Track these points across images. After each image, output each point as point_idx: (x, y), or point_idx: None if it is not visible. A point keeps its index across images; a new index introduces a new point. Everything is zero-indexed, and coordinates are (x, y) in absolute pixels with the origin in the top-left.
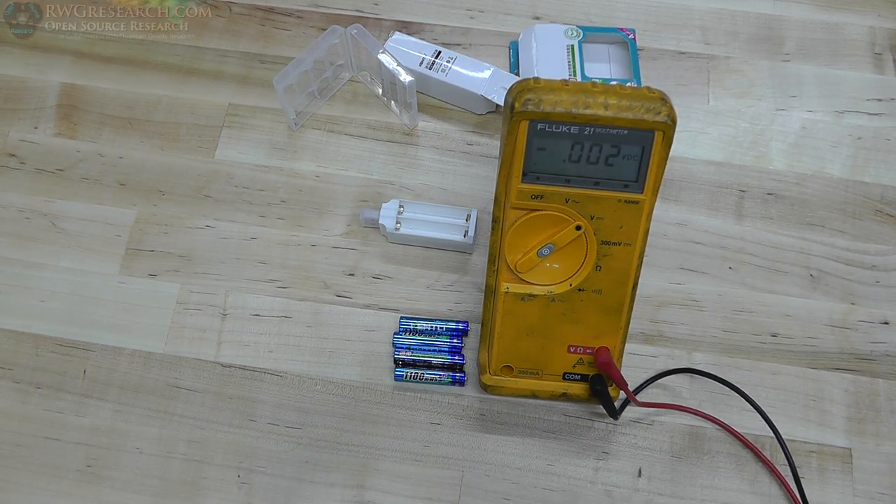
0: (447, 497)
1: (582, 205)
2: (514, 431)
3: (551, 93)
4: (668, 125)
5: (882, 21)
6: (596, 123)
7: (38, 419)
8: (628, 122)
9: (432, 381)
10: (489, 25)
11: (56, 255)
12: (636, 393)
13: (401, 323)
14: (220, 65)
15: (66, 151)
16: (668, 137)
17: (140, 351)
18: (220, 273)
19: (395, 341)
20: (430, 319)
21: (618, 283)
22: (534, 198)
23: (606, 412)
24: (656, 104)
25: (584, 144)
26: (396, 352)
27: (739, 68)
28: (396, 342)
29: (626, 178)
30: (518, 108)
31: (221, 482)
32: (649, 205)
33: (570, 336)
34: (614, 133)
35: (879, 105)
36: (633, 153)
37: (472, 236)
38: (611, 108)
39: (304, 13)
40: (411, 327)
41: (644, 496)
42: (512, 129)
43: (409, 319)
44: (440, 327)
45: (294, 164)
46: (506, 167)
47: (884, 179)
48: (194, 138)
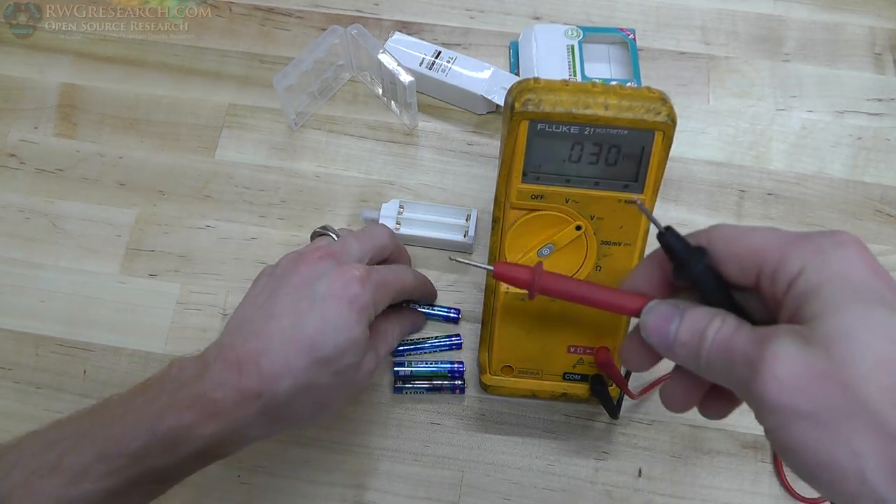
0: (447, 497)
1: (582, 205)
2: (514, 431)
3: (551, 93)
4: (668, 125)
5: (882, 21)
6: (596, 123)
7: (38, 419)
8: (628, 122)
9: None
10: (489, 25)
11: (56, 255)
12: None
13: (395, 372)
14: (220, 65)
15: (66, 151)
16: (668, 137)
17: (140, 351)
18: (220, 273)
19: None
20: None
21: (618, 284)
22: (534, 198)
23: (606, 412)
24: (656, 104)
25: (584, 144)
26: (396, 370)
27: (739, 68)
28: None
29: (626, 178)
30: (518, 108)
31: (221, 482)
32: (649, 205)
33: (571, 336)
34: (614, 133)
35: (879, 105)
36: (633, 153)
37: (472, 236)
38: (611, 109)
39: (304, 13)
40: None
41: (644, 496)
42: (512, 129)
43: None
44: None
45: (294, 164)
46: (506, 167)
47: (884, 179)
48: (194, 138)
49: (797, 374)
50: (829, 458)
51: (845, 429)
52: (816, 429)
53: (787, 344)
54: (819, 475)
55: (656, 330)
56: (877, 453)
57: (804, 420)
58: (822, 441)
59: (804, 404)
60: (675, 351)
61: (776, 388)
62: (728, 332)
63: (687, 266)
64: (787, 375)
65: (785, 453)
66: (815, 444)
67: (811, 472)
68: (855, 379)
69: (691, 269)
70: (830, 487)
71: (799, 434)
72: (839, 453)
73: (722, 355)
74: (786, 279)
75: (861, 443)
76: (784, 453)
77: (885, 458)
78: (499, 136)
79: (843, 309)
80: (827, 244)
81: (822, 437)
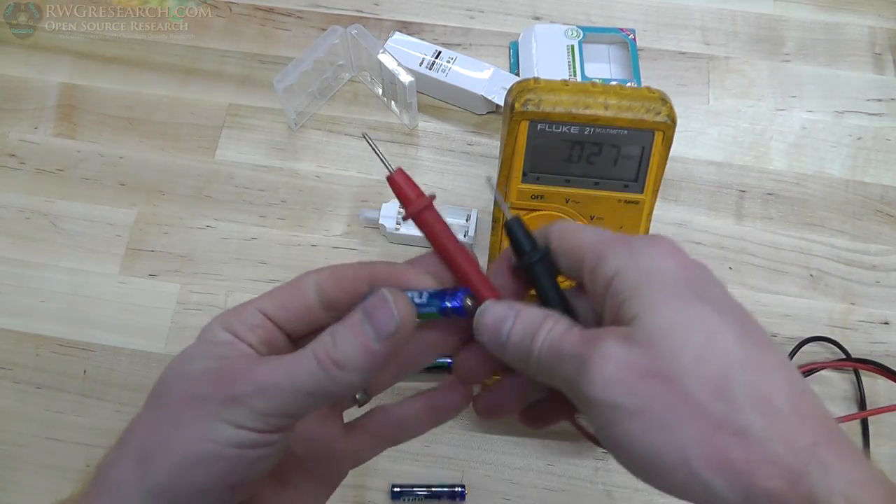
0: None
1: (582, 205)
2: (514, 431)
3: (551, 93)
4: (668, 125)
5: (882, 21)
6: (596, 123)
7: (38, 419)
8: (628, 122)
9: None
10: (489, 25)
11: (56, 255)
12: None
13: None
14: (220, 65)
15: (66, 151)
16: (668, 137)
17: (140, 351)
18: (220, 273)
19: None
20: None
21: None
22: (534, 198)
23: None
24: (656, 104)
25: (584, 144)
26: None
27: (739, 68)
28: None
29: (626, 178)
30: (518, 108)
31: None
32: (649, 205)
33: None
34: (614, 133)
35: (879, 105)
36: (632, 153)
37: (472, 236)
38: (611, 109)
39: (304, 13)
40: None
41: (644, 496)
42: (512, 129)
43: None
44: None
45: (294, 164)
46: (506, 167)
47: (884, 179)
48: (194, 138)
49: (623, 372)
50: (656, 452)
51: (670, 421)
52: (643, 423)
53: (612, 344)
54: (648, 469)
55: (490, 329)
56: (701, 443)
57: (631, 416)
58: (648, 435)
59: (630, 401)
60: (507, 350)
61: (603, 386)
62: (559, 332)
63: (523, 256)
64: (614, 374)
65: (615, 450)
66: (642, 439)
67: (641, 466)
68: (678, 373)
69: (527, 259)
70: (660, 480)
71: (627, 430)
72: (665, 446)
73: (552, 355)
74: (603, 278)
75: (685, 434)
76: (614, 450)
77: (708, 448)
78: (499, 137)
79: (660, 307)
80: (639, 244)
81: (648, 432)
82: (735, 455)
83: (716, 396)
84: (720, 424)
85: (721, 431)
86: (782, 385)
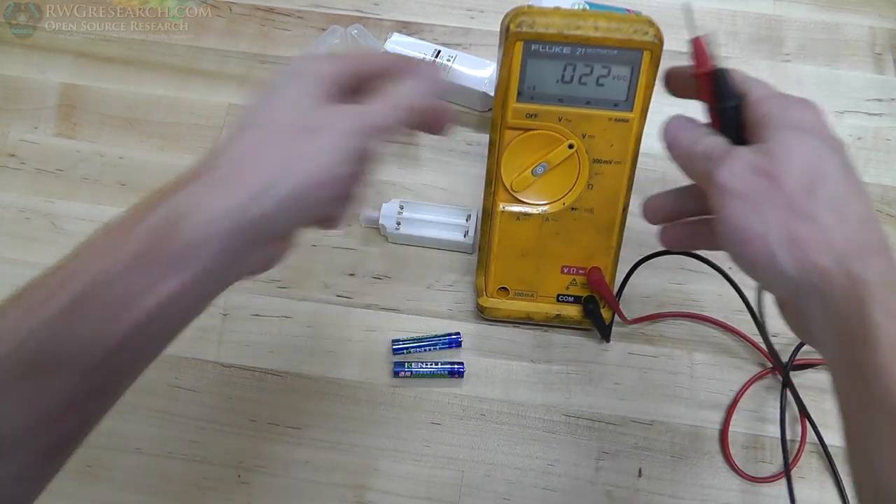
0: (447, 497)
1: (574, 123)
2: (514, 431)
3: (544, 16)
4: (656, 44)
5: (882, 21)
6: (587, 43)
7: None
8: (617, 41)
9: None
10: (489, 25)
11: (56, 255)
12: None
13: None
14: (220, 65)
15: (66, 151)
16: (655, 57)
17: None
18: None
19: (394, 348)
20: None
21: (609, 202)
22: (529, 117)
23: (599, 333)
24: (644, 25)
25: (575, 65)
26: (395, 352)
27: (739, 68)
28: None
29: (616, 97)
30: (513, 29)
31: (221, 482)
32: (638, 124)
33: (564, 256)
34: (604, 53)
35: (879, 105)
36: (622, 73)
37: (472, 236)
38: (600, 30)
39: (304, 13)
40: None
41: (644, 496)
42: (507, 50)
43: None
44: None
45: None
46: (502, 89)
47: (884, 179)
48: (194, 138)
49: (743, 168)
50: (746, 225)
51: (764, 205)
52: (744, 204)
53: (744, 151)
54: (736, 238)
55: (672, 131)
56: (780, 223)
57: (738, 198)
58: (745, 212)
59: (741, 187)
60: (678, 146)
61: (727, 174)
62: (715, 141)
63: (723, 98)
64: (736, 168)
65: (721, 226)
66: (739, 214)
67: (732, 237)
68: (783, 175)
69: (728, 103)
70: (741, 248)
71: (732, 208)
72: (754, 222)
73: (706, 153)
74: (760, 114)
75: (771, 216)
76: (721, 226)
77: (784, 227)
78: None
79: (788, 133)
80: (793, 100)
81: (746, 210)
82: (802, 234)
83: (805, 193)
84: (800, 213)
85: (798, 217)
86: (860, 209)
